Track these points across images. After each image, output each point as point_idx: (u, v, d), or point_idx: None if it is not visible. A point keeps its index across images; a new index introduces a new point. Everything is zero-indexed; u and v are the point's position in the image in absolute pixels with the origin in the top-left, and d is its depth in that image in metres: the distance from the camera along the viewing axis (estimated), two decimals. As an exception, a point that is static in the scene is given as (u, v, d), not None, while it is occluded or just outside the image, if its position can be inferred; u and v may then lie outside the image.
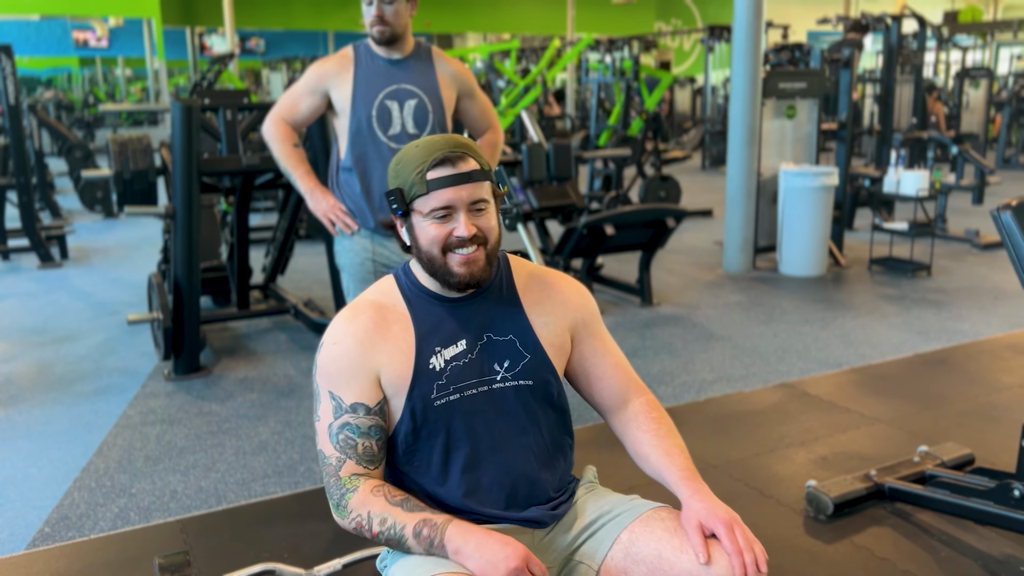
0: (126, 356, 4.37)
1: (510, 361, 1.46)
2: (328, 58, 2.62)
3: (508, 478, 1.46)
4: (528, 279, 1.55)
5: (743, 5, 5.82)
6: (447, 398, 1.42)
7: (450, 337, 1.45)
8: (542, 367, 1.48)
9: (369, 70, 2.56)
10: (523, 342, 1.48)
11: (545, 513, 1.48)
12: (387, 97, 2.55)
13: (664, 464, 1.47)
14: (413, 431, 1.43)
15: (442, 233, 1.39)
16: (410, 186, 1.40)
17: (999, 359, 4.16)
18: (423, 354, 1.43)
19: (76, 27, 19.27)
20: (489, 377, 1.45)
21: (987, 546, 2.46)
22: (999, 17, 22.25)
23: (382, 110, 2.54)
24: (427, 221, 1.40)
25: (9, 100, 6.24)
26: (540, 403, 1.49)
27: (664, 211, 5.10)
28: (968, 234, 6.95)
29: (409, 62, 2.60)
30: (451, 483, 1.44)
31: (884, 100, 7.47)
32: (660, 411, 1.55)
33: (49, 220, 7.89)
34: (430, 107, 2.59)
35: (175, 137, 3.83)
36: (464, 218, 1.39)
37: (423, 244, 1.42)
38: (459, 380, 1.43)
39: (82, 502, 2.84)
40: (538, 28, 20.69)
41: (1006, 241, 2.35)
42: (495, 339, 1.47)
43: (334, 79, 2.56)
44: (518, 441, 1.47)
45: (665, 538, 1.40)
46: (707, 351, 4.35)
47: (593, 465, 1.68)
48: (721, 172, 11.56)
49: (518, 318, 1.49)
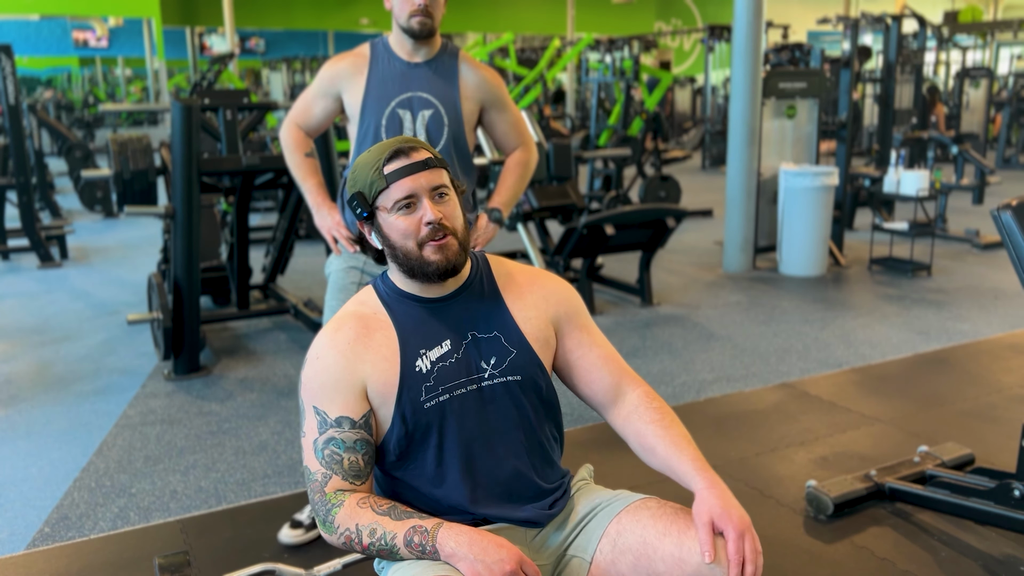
0: (126, 356, 4.37)
1: (496, 358, 1.46)
2: (342, 56, 2.38)
3: (504, 474, 1.46)
4: (507, 276, 1.55)
5: (743, 5, 5.82)
6: (436, 399, 1.42)
7: (434, 338, 1.45)
8: (529, 362, 1.48)
9: (385, 73, 2.31)
10: (508, 338, 1.48)
11: (541, 513, 1.48)
12: (399, 105, 2.29)
13: (673, 454, 1.43)
14: (405, 435, 1.42)
15: (411, 224, 1.40)
16: (369, 185, 1.42)
17: (999, 359, 4.16)
18: (408, 358, 1.42)
19: (76, 27, 19.27)
20: (477, 375, 1.45)
21: (987, 546, 2.46)
22: (999, 17, 22.26)
23: (392, 120, 2.29)
24: (393, 215, 1.41)
25: (9, 100, 6.24)
26: (530, 398, 1.49)
27: (664, 211, 5.10)
28: (968, 234, 6.95)
29: (431, 66, 2.33)
30: (449, 483, 1.44)
31: (884, 100, 7.47)
32: (659, 401, 1.53)
33: (49, 220, 7.89)
34: (446, 119, 2.32)
35: (175, 137, 3.83)
36: (428, 203, 1.41)
37: (396, 240, 1.42)
38: (447, 380, 1.43)
39: (82, 502, 2.84)
40: (538, 28, 20.70)
41: (1006, 241, 2.35)
42: (479, 336, 1.47)
43: (346, 81, 2.33)
44: (511, 436, 1.47)
45: (650, 524, 1.39)
46: (707, 351, 4.35)
47: (590, 464, 1.68)
48: (721, 172, 11.56)
49: (501, 314, 1.49)
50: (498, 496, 1.46)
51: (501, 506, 1.46)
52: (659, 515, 1.40)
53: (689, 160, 11.44)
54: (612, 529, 1.44)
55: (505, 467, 1.46)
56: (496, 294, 1.52)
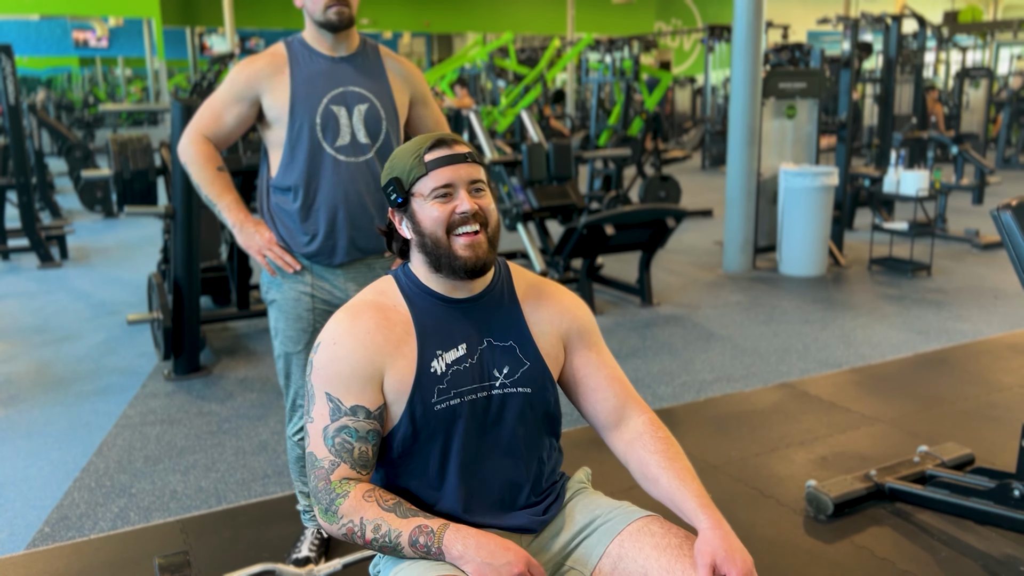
0: (126, 356, 4.37)
1: (509, 368, 1.45)
2: (256, 58, 2.17)
3: (500, 483, 1.46)
4: (528, 287, 1.54)
5: (743, 5, 5.82)
6: (447, 403, 1.41)
7: (451, 340, 1.43)
8: (541, 375, 1.47)
9: (309, 70, 2.14)
10: (523, 349, 1.47)
11: (535, 520, 1.47)
12: (333, 101, 2.13)
13: (676, 488, 1.41)
14: (412, 434, 1.41)
15: (445, 212, 1.40)
16: (408, 171, 1.41)
17: (999, 359, 4.16)
18: (425, 358, 1.41)
19: (76, 27, 19.28)
20: (488, 383, 1.43)
21: (987, 546, 2.46)
22: (999, 17, 22.26)
23: (328, 116, 2.13)
24: (429, 202, 1.40)
25: (9, 100, 6.24)
26: (537, 411, 1.48)
27: (664, 211, 5.10)
28: (968, 234, 6.95)
29: (355, 60, 2.19)
30: (447, 488, 1.43)
31: (884, 100, 7.47)
32: (665, 431, 1.51)
33: (49, 220, 7.89)
34: (383, 113, 2.18)
35: (175, 137, 3.83)
36: (465, 194, 1.40)
37: (427, 227, 1.41)
38: (459, 385, 1.42)
39: (82, 502, 2.84)
40: (538, 28, 20.70)
41: (1006, 241, 2.35)
42: (495, 344, 1.46)
43: (267, 82, 2.12)
44: (513, 447, 1.46)
45: (653, 556, 1.37)
46: (707, 351, 4.35)
47: (588, 468, 1.67)
48: (721, 172, 11.56)
49: (518, 325, 1.49)
50: (491, 505, 1.46)
51: (494, 515, 1.46)
52: (663, 547, 1.38)
53: (689, 160, 11.43)
54: (613, 550, 1.42)
55: (502, 476, 1.46)
56: (515, 303, 1.50)
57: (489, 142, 6.33)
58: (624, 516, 1.46)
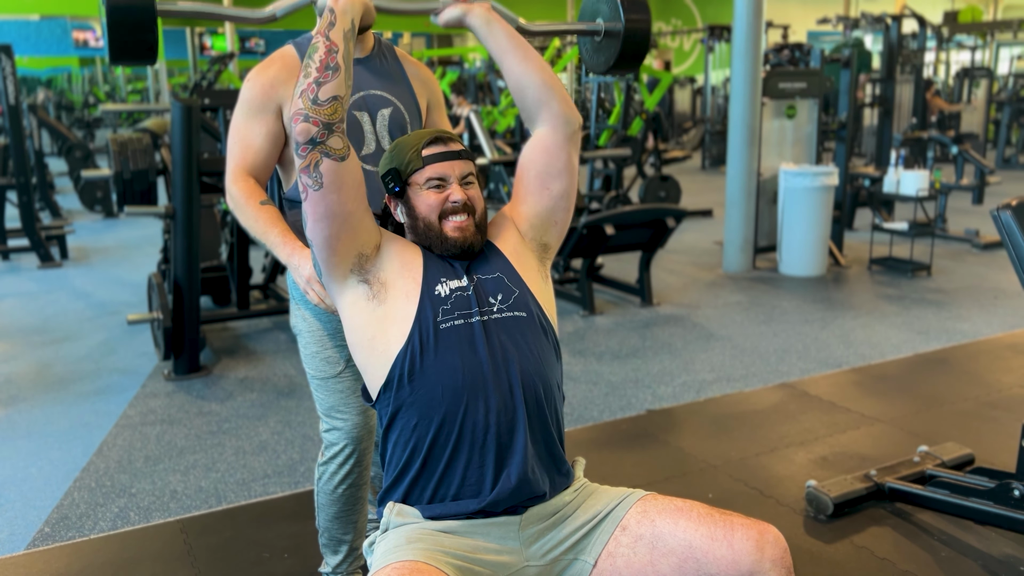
0: (126, 356, 4.37)
1: (503, 295, 1.58)
2: (268, 63, 1.96)
3: (523, 387, 1.50)
4: (491, 228, 1.70)
5: (743, 5, 5.82)
6: (452, 323, 1.52)
7: (451, 273, 1.58)
8: (530, 301, 1.60)
9: None
10: (510, 279, 1.61)
11: (537, 479, 1.50)
12: (354, 107, 1.94)
13: None
14: (421, 351, 1.49)
15: (439, 199, 1.58)
16: (407, 163, 1.59)
17: (999, 359, 4.16)
18: (429, 282, 1.55)
19: (76, 27, 19.26)
20: (487, 308, 1.56)
21: (987, 546, 2.46)
22: (999, 17, 22.25)
23: (351, 123, 1.92)
24: (424, 190, 1.59)
25: (9, 100, 6.24)
26: (535, 333, 1.58)
27: (664, 211, 5.10)
28: (968, 234, 6.95)
29: (372, 63, 2.00)
30: (456, 399, 1.47)
31: (884, 100, 7.47)
32: None
33: (49, 220, 7.89)
34: (407, 117, 2.01)
35: (175, 137, 3.84)
36: (457, 186, 1.59)
37: (422, 212, 1.59)
38: (462, 308, 1.54)
39: (82, 502, 2.84)
40: (538, 28, 20.65)
41: (1006, 241, 2.35)
42: (483, 278, 1.59)
43: (283, 89, 1.90)
44: (525, 357, 1.53)
45: (692, 528, 1.44)
46: (707, 351, 4.35)
47: (582, 458, 1.69)
48: (721, 172, 11.55)
49: (501, 261, 1.63)
50: (510, 413, 1.49)
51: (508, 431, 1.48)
52: (704, 519, 1.44)
53: (689, 160, 11.44)
54: (640, 530, 1.47)
55: (523, 382, 1.50)
56: (493, 247, 1.65)
57: (489, 142, 6.33)
58: (625, 502, 1.52)
